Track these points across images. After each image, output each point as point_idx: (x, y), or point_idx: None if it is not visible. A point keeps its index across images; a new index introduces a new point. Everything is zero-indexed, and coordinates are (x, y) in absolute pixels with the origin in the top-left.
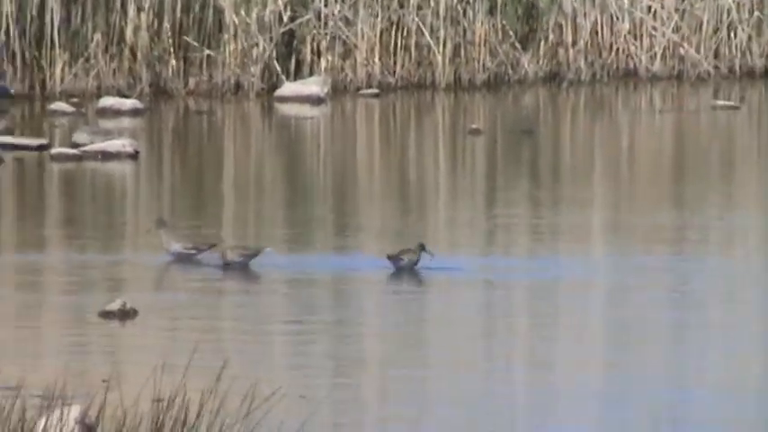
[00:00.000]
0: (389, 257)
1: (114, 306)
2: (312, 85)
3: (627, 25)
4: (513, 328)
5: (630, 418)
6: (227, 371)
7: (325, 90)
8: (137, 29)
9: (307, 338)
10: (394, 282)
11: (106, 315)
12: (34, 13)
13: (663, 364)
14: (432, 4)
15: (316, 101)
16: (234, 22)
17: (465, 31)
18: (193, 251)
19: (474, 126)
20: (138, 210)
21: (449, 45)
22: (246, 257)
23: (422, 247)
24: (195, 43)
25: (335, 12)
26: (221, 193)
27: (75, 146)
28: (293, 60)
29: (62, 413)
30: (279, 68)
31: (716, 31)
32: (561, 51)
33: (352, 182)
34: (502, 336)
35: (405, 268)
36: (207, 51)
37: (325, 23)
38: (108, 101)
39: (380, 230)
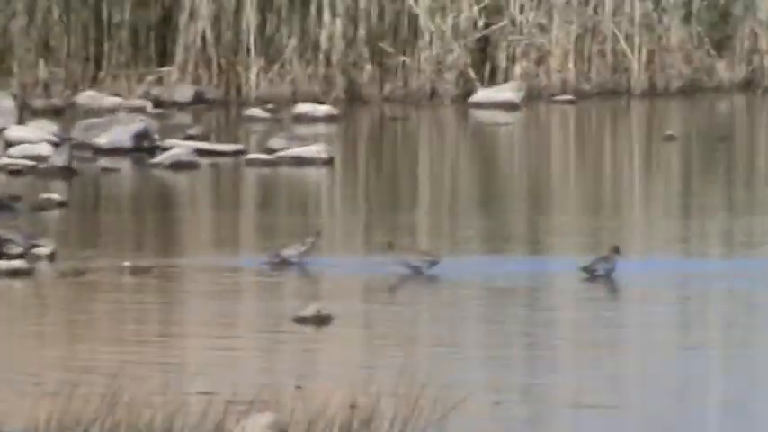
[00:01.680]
0: (584, 269)
1: (309, 312)
2: (507, 92)
3: None
4: (709, 334)
5: None
6: (418, 377)
7: (520, 96)
8: (332, 35)
9: (498, 343)
10: (587, 286)
11: (301, 321)
12: (230, 19)
13: None
14: (627, 10)
15: (510, 107)
16: (429, 28)
17: (660, 37)
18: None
19: (669, 132)
20: (333, 216)
21: (644, 51)
22: (424, 264)
23: (616, 250)
24: (390, 50)
25: (530, 18)
26: (416, 199)
27: (271, 152)
28: (488, 67)
29: (255, 419)
30: (473, 75)
31: None
32: (756, 58)
33: (546, 187)
34: (696, 341)
35: (601, 277)
36: (402, 58)
37: (520, 30)
38: (303, 107)
39: (575, 235)
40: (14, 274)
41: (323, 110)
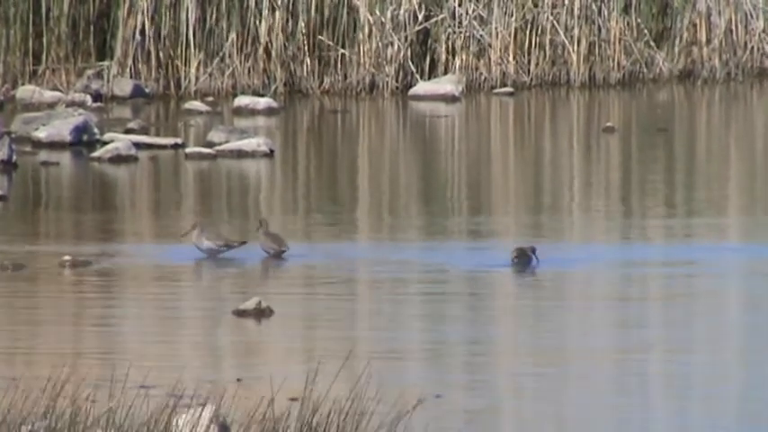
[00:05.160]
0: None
1: (249, 305)
2: (446, 84)
3: (761, 24)
4: (645, 320)
5: None
6: (362, 371)
7: (460, 89)
8: (271, 28)
9: (439, 335)
10: (523, 276)
11: (241, 314)
12: (169, 12)
13: None
14: (566, 2)
15: (450, 99)
16: (368, 21)
17: (600, 29)
18: (224, 248)
19: (608, 124)
20: (273, 208)
21: (583, 43)
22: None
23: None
24: (330, 42)
25: (470, 11)
26: (356, 192)
27: (210, 145)
28: (428, 59)
29: (196, 412)
30: (413, 67)
31: None
32: (695, 50)
33: (486, 179)
34: (634, 326)
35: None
36: (341, 50)
37: (460, 22)
38: (243, 100)
39: (514, 227)
40: None
41: (263, 102)
